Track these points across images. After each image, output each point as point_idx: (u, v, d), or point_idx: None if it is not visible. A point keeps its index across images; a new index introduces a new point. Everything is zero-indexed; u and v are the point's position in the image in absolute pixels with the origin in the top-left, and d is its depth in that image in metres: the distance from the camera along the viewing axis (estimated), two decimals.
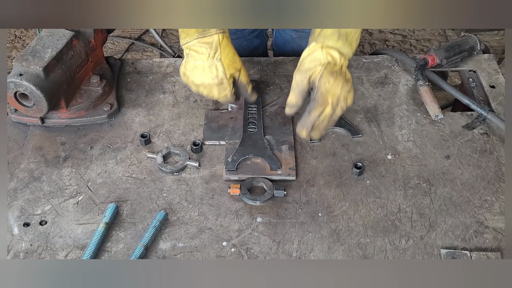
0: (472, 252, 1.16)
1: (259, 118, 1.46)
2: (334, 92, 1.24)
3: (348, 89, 1.26)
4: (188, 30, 1.28)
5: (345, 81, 1.25)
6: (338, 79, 1.24)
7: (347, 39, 1.26)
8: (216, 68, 1.30)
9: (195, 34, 1.27)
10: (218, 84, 1.32)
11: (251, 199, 1.26)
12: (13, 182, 1.31)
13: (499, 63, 1.85)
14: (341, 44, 1.25)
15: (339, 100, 1.25)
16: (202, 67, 1.30)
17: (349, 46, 1.27)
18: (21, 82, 1.32)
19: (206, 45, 1.28)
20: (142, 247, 1.16)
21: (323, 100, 1.24)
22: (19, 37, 3.34)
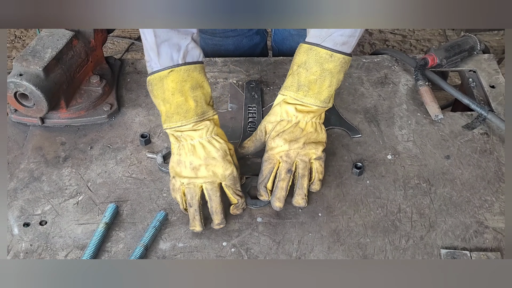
0: (472, 252, 1.16)
1: (259, 118, 1.46)
2: (280, 150, 1.23)
3: (299, 146, 1.22)
4: (188, 111, 1.19)
5: (295, 139, 1.22)
6: (282, 137, 1.22)
7: (310, 88, 1.21)
8: (217, 141, 1.21)
9: (194, 117, 1.19)
10: (223, 157, 1.19)
11: (251, 203, 1.26)
12: (13, 182, 1.31)
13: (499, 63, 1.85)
14: (302, 95, 1.22)
15: (289, 156, 1.22)
16: (201, 144, 1.20)
17: (314, 96, 1.21)
18: (21, 82, 1.32)
19: (204, 124, 1.20)
20: (142, 247, 1.16)
21: (269, 157, 1.24)
22: (19, 37, 3.34)
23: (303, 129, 1.24)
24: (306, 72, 1.22)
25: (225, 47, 1.83)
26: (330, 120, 1.46)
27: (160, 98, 1.20)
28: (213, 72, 1.64)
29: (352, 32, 1.20)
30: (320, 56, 1.20)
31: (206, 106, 1.21)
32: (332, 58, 1.20)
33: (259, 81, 1.59)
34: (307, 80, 1.22)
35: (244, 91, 1.55)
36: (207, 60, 1.69)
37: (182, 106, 1.19)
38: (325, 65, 1.20)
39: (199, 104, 1.20)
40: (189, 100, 1.19)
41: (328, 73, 1.21)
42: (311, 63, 1.21)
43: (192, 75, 1.20)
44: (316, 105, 1.22)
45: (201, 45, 1.89)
